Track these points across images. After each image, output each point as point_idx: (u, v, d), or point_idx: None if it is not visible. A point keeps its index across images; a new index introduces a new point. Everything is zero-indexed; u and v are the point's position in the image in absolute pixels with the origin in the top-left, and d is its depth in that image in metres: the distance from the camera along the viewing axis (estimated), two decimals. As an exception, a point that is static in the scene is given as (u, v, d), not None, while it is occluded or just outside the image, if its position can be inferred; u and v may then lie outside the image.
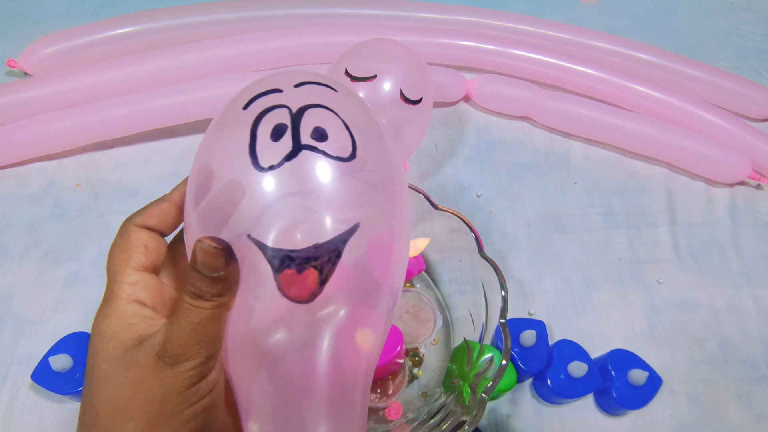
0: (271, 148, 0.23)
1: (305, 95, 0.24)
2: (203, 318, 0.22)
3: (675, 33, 0.71)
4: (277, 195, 0.22)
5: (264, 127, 0.23)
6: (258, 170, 0.22)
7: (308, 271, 0.22)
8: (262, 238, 0.22)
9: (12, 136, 0.54)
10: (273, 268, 0.22)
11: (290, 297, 0.22)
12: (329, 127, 0.24)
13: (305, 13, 0.64)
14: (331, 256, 0.22)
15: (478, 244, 0.40)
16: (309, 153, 0.23)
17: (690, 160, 0.56)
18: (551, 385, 0.41)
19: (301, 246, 0.22)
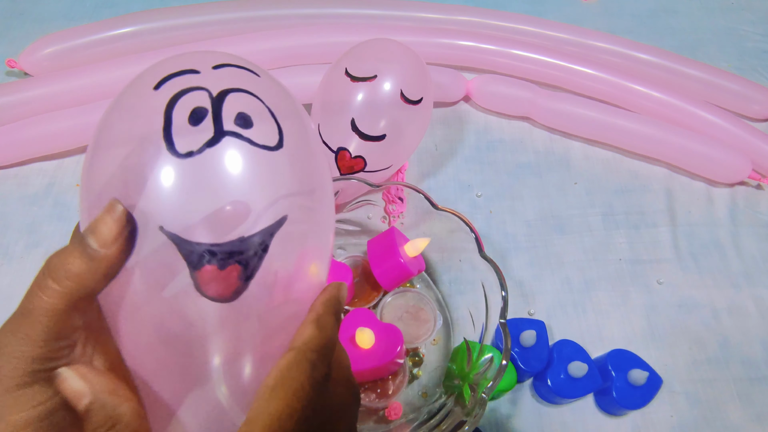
0: (188, 132, 0.20)
1: (226, 79, 0.22)
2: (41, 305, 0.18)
3: (675, 33, 0.71)
4: (197, 185, 0.20)
5: (180, 110, 0.20)
6: (175, 156, 0.20)
7: (231, 267, 0.20)
8: (176, 230, 0.19)
9: (12, 136, 0.54)
10: (190, 264, 0.20)
11: (210, 296, 0.20)
12: (254, 113, 0.22)
13: (305, 13, 0.64)
14: (258, 250, 0.20)
15: (478, 244, 0.40)
16: (232, 139, 0.20)
17: (690, 160, 0.56)
18: (551, 385, 0.41)
19: (223, 240, 0.20)
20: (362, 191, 0.46)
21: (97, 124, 0.22)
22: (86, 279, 0.19)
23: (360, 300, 0.45)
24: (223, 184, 0.20)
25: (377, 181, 0.47)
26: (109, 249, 0.19)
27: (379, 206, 0.48)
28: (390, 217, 0.48)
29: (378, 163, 0.47)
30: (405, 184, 0.44)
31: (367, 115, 0.45)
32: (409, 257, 0.43)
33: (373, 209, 0.48)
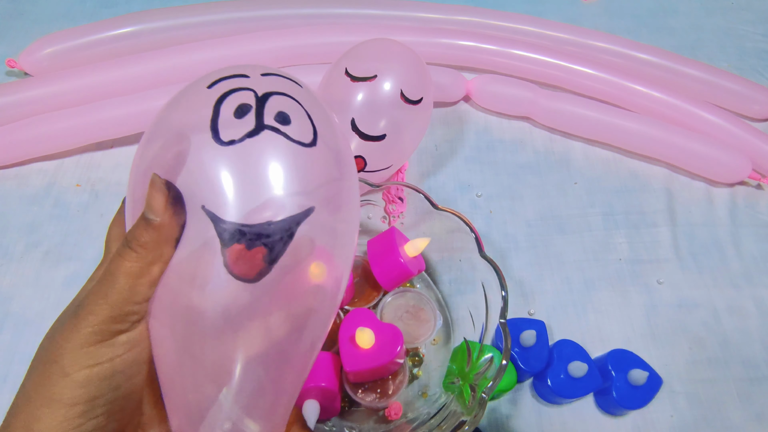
0: (233, 125, 0.22)
1: (271, 83, 0.25)
2: (117, 267, 0.21)
3: (675, 33, 0.71)
4: (235, 170, 0.22)
5: (228, 105, 0.23)
6: (218, 143, 0.22)
7: (258, 249, 0.22)
8: (215, 210, 0.22)
9: (12, 136, 0.54)
10: (222, 241, 0.21)
11: (236, 274, 0.22)
12: (292, 113, 0.24)
13: (305, 13, 0.64)
14: (283, 236, 0.22)
15: (478, 244, 0.40)
16: (271, 133, 0.23)
17: (690, 160, 0.56)
18: (551, 385, 0.41)
19: (254, 222, 0.22)
20: (362, 191, 0.46)
21: (155, 117, 0.25)
22: (154, 245, 0.21)
23: (360, 300, 0.45)
24: (258, 171, 0.22)
25: (377, 181, 0.47)
26: (164, 216, 0.21)
27: (379, 206, 0.48)
28: (390, 217, 0.48)
29: (378, 163, 0.47)
30: (405, 184, 0.44)
31: (367, 115, 0.45)
32: (409, 257, 0.43)
33: (373, 209, 0.48)
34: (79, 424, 0.21)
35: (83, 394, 0.21)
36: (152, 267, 0.22)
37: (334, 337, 0.42)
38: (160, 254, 0.22)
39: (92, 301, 0.21)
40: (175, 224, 0.22)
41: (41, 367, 0.21)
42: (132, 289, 0.21)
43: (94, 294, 0.21)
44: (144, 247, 0.21)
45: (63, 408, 0.20)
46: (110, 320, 0.21)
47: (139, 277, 0.21)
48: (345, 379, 0.39)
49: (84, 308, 0.21)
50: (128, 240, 0.22)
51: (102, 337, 0.21)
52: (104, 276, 0.22)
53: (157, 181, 0.21)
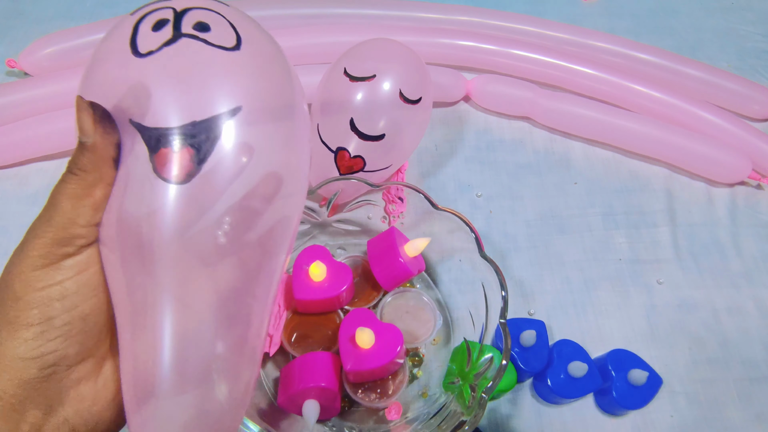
0: (150, 37, 0.23)
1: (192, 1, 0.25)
2: (59, 191, 0.22)
3: (675, 33, 0.71)
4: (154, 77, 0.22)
5: (146, 23, 0.23)
6: (137, 57, 0.22)
7: (185, 150, 0.22)
8: (141, 120, 0.22)
9: (12, 136, 0.54)
10: (150, 149, 0.22)
11: (165, 178, 0.22)
12: (212, 22, 0.24)
13: (305, 13, 0.64)
14: (209, 135, 0.22)
15: (478, 244, 0.40)
16: (189, 40, 0.23)
17: (690, 160, 0.56)
18: (551, 385, 0.41)
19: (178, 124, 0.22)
20: (362, 191, 0.46)
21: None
22: (92, 166, 0.22)
23: (360, 300, 0.45)
24: (179, 76, 0.22)
25: (377, 181, 0.47)
26: (94, 136, 0.22)
27: (379, 206, 0.48)
28: (390, 217, 0.48)
29: (377, 162, 0.47)
30: (405, 184, 0.44)
31: (367, 114, 0.45)
32: (409, 257, 0.43)
33: (373, 209, 0.48)
34: (38, 345, 0.21)
35: (36, 315, 0.21)
36: (93, 189, 0.22)
37: (334, 337, 0.42)
38: (99, 176, 0.22)
39: (37, 226, 0.22)
40: (109, 143, 0.22)
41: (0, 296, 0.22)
42: (74, 211, 0.22)
43: (39, 219, 0.22)
44: (82, 170, 0.22)
45: (19, 329, 0.21)
46: (55, 243, 0.22)
47: (81, 199, 0.22)
48: (345, 379, 0.39)
49: (30, 233, 0.22)
50: (69, 166, 0.22)
51: (48, 260, 0.22)
52: (48, 202, 0.22)
53: (81, 102, 0.22)
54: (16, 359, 0.21)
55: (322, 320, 0.43)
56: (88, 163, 0.22)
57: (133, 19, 0.24)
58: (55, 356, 0.22)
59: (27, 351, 0.21)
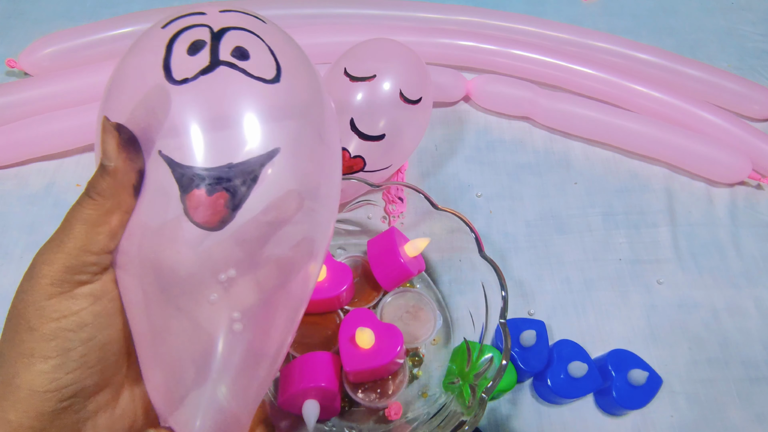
0: (186, 62, 0.21)
1: (229, 19, 0.23)
2: (75, 215, 0.20)
3: (675, 33, 0.71)
4: (190, 110, 0.20)
5: (181, 43, 0.22)
6: (171, 83, 0.21)
7: (219, 194, 0.20)
8: (172, 154, 0.20)
9: (12, 136, 0.54)
10: (181, 187, 0.20)
11: (197, 222, 0.20)
12: (252, 48, 0.22)
13: (305, 13, 0.64)
14: (246, 179, 0.20)
15: (478, 244, 0.40)
16: (227, 69, 0.21)
17: (690, 160, 0.56)
18: (551, 385, 0.41)
19: (213, 165, 0.20)
20: (362, 191, 0.46)
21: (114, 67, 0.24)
22: (111, 192, 0.21)
23: (360, 300, 0.45)
24: (215, 110, 0.21)
25: (377, 181, 0.47)
26: (117, 160, 0.20)
27: (379, 206, 0.48)
28: (390, 217, 0.48)
29: (378, 162, 0.47)
30: (405, 184, 0.44)
31: (367, 114, 0.45)
32: (409, 257, 0.43)
33: (373, 209, 0.48)
34: (56, 378, 0.20)
35: (54, 348, 0.20)
36: (110, 216, 0.21)
37: (334, 337, 0.42)
38: (117, 202, 0.21)
39: (47, 250, 0.20)
40: (131, 169, 0.21)
41: (10, 324, 0.21)
42: (89, 237, 0.20)
43: (50, 243, 0.21)
44: (101, 195, 0.20)
45: (37, 362, 0.20)
46: (67, 270, 0.20)
47: (96, 226, 0.21)
48: (345, 379, 0.39)
49: (39, 257, 0.20)
50: (87, 189, 0.21)
51: (61, 288, 0.20)
52: (61, 226, 0.21)
53: (107, 124, 0.20)
54: (34, 392, 0.20)
55: (322, 320, 0.43)
56: (108, 188, 0.20)
57: (166, 35, 0.22)
58: (74, 388, 0.21)
59: (44, 384, 0.20)
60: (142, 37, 0.23)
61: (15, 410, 0.20)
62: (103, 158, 0.20)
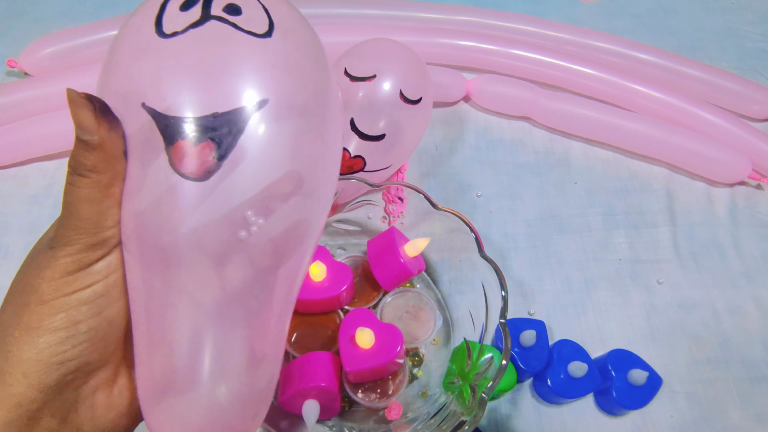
0: (177, 17, 0.21)
1: None
2: (77, 197, 0.20)
3: (675, 33, 0.71)
4: (177, 60, 0.20)
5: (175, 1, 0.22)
6: (160, 37, 0.21)
7: (204, 144, 0.20)
8: (156, 105, 0.20)
9: (12, 136, 0.54)
10: (165, 139, 0.20)
11: (182, 173, 0.20)
12: (245, 5, 0.22)
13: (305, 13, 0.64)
14: (232, 129, 0.20)
15: (478, 244, 0.40)
16: (217, 23, 0.21)
17: (690, 160, 0.56)
18: (551, 385, 0.41)
19: (198, 115, 0.20)
20: (362, 191, 0.46)
21: None
22: (104, 165, 0.20)
23: (360, 300, 0.45)
24: (203, 61, 0.21)
25: (377, 181, 0.47)
26: (99, 132, 0.20)
27: (379, 206, 0.48)
28: (390, 217, 0.48)
29: (378, 162, 0.47)
30: (405, 184, 0.44)
31: (367, 114, 0.45)
32: (409, 257, 0.43)
33: (373, 209, 0.48)
34: (63, 351, 0.20)
35: (64, 319, 0.20)
36: (112, 188, 0.21)
37: (334, 337, 0.42)
38: (114, 173, 0.20)
39: (64, 234, 0.20)
40: (116, 136, 0.20)
41: (18, 299, 0.21)
42: (99, 215, 0.20)
43: (65, 227, 0.20)
44: (95, 171, 0.20)
45: (45, 334, 0.20)
46: (88, 248, 0.20)
47: (102, 202, 0.20)
48: (345, 379, 0.39)
49: (58, 241, 0.20)
50: (74, 167, 0.20)
51: (80, 265, 0.20)
52: (66, 208, 0.20)
53: (75, 96, 0.20)
54: (40, 363, 0.20)
55: (322, 320, 0.43)
56: (99, 162, 0.20)
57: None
58: (78, 362, 0.21)
59: (51, 355, 0.20)
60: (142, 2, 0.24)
61: (19, 382, 0.20)
62: (81, 133, 0.20)
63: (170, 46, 0.21)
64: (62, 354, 0.20)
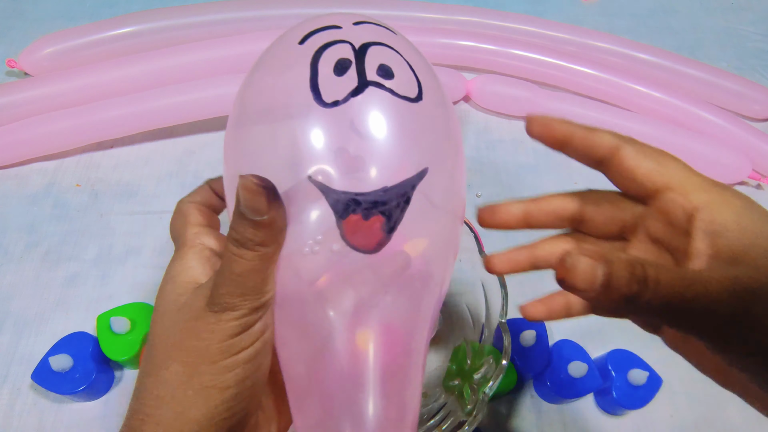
0: (334, 83, 0.21)
1: (366, 33, 0.23)
2: (245, 269, 0.21)
3: (675, 33, 0.71)
4: (342, 134, 0.20)
5: (325, 62, 0.21)
6: (321, 106, 0.20)
7: (375, 218, 0.20)
8: (324, 180, 0.20)
9: (12, 136, 0.54)
10: (336, 213, 0.20)
11: (355, 246, 0.20)
12: (394, 66, 0.22)
13: (306, 13, 0.64)
14: (400, 202, 0.20)
15: (478, 244, 0.40)
16: (375, 90, 0.21)
17: (690, 160, 0.55)
18: (551, 385, 0.41)
19: (367, 189, 0.20)
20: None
21: (243, 81, 0.23)
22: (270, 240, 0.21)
23: (360, 300, 0.44)
24: (367, 132, 0.20)
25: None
26: (270, 213, 0.20)
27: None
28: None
29: (378, 163, 0.47)
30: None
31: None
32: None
33: (373, 209, 0.48)
34: (231, 407, 0.21)
35: (233, 377, 0.21)
36: (274, 256, 0.21)
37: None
38: (278, 244, 0.21)
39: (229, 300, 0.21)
40: (282, 213, 0.21)
41: (184, 360, 0.21)
42: (264, 282, 0.21)
43: (230, 294, 0.21)
44: (262, 245, 0.20)
45: (217, 393, 0.21)
46: (251, 312, 0.21)
47: (265, 270, 0.21)
48: (345, 379, 0.39)
49: (223, 306, 0.21)
50: (241, 241, 0.20)
51: (244, 328, 0.21)
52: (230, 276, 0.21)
53: (251, 184, 0.19)
54: (212, 421, 0.21)
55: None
56: (267, 238, 0.20)
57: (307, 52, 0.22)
58: (241, 415, 0.22)
59: (222, 412, 0.21)
60: (275, 53, 0.23)
61: None
62: (251, 215, 0.20)
63: (335, 118, 0.20)
64: (231, 410, 0.21)
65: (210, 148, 0.58)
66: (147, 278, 0.48)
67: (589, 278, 0.18)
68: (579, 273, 0.18)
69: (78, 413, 0.42)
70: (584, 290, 0.18)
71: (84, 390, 0.40)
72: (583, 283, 0.18)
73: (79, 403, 0.42)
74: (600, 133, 0.24)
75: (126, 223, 0.52)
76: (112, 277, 0.48)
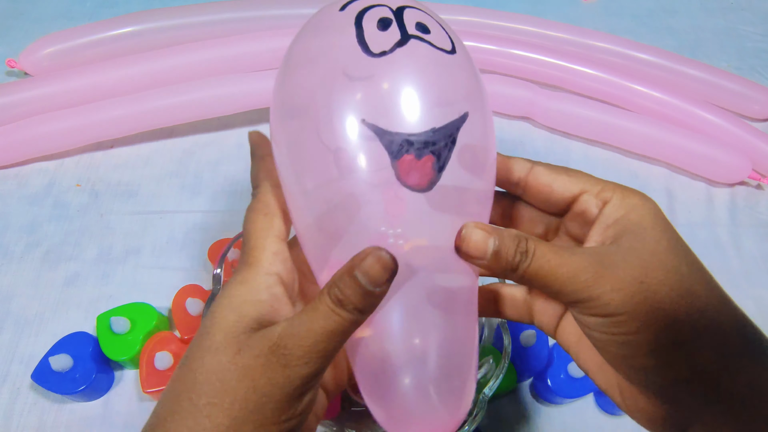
0: (380, 36, 0.22)
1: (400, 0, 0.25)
2: (336, 328, 0.20)
3: (675, 33, 0.71)
4: (390, 79, 0.22)
5: (368, 20, 0.23)
6: (370, 56, 0.22)
7: (427, 157, 0.21)
8: (378, 122, 0.21)
9: (12, 136, 0.54)
10: (391, 154, 0.21)
11: (409, 185, 0.21)
12: (429, 24, 0.24)
13: (305, 14, 0.64)
14: (447, 142, 0.22)
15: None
16: (417, 42, 0.23)
17: (690, 160, 0.56)
18: (551, 385, 0.41)
19: (418, 131, 0.21)
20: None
21: (289, 47, 0.25)
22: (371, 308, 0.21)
23: (360, 300, 0.44)
24: (413, 79, 0.22)
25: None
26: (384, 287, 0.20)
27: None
28: (390, 217, 0.47)
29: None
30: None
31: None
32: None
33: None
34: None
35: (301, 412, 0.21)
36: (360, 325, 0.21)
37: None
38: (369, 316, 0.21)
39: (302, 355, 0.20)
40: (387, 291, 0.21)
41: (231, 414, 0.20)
42: (339, 345, 0.21)
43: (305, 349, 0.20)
44: (363, 312, 0.21)
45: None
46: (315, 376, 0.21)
47: (348, 336, 0.21)
48: (345, 379, 0.39)
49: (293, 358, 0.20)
50: (342, 302, 0.20)
51: (303, 391, 0.21)
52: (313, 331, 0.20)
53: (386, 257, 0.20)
54: None
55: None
56: (369, 308, 0.21)
57: (350, 15, 0.23)
58: None
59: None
60: (319, 21, 0.25)
61: None
62: (369, 283, 0.20)
63: (384, 65, 0.22)
64: None
65: (210, 148, 0.58)
66: (147, 278, 0.48)
67: (481, 247, 0.22)
68: (472, 243, 0.22)
69: (78, 413, 0.42)
70: (477, 258, 0.22)
71: (84, 390, 0.40)
72: (476, 252, 0.22)
73: (79, 403, 0.42)
74: (514, 158, 0.27)
75: (126, 223, 0.52)
76: (112, 277, 0.48)
